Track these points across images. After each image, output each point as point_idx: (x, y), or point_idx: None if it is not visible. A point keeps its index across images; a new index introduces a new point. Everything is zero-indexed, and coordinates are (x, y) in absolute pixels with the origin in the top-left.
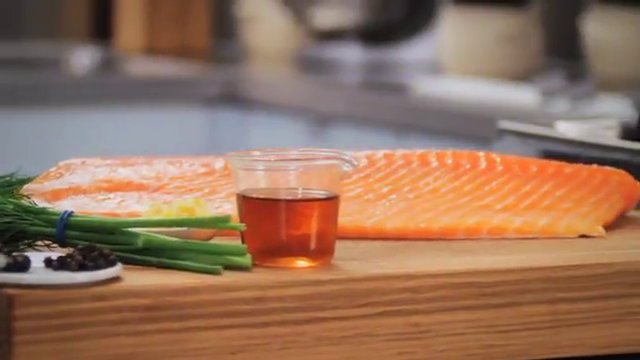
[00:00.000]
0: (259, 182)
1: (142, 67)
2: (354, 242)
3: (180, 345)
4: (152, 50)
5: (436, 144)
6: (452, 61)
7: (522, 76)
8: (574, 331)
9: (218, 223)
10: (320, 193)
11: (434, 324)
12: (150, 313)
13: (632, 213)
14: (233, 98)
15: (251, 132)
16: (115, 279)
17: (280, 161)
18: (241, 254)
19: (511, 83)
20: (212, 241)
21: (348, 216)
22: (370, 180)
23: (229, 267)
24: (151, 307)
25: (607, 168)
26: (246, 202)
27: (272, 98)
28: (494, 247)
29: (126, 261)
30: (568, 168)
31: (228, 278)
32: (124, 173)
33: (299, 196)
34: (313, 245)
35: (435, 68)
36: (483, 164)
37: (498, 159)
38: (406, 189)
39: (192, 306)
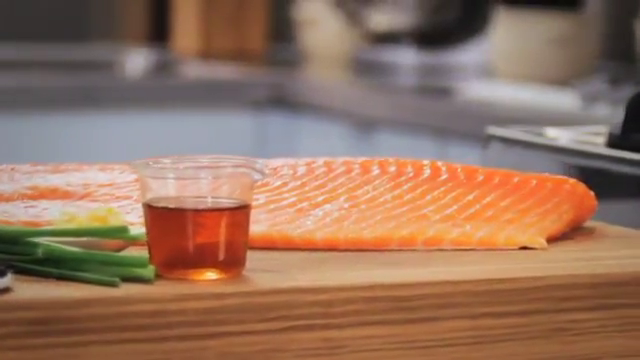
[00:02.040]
0: (168, 191)
1: (196, 70)
2: (273, 253)
3: None
4: (208, 53)
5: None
6: (503, 65)
7: (573, 80)
8: (498, 347)
9: (115, 233)
10: (229, 202)
11: (348, 339)
12: (38, 327)
13: (590, 224)
14: (282, 101)
15: (299, 136)
16: (4, 290)
17: (189, 169)
18: (143, 265)
19: (562, 87)
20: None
21: (276, 226)
22: (306, 188)
23: (133, 279)
24: (39, 321)
25: (559, 177)
26: (151, 211)
27: (320, 101)
28: (427, 259)
29: (27, 272)
30: (516, 177)
31: (125, 291)
32: (52, 180)
33: (207, 205)
34: (221, 256)
35: (487, 72)
36: (427, 172)
37: (443, 167)
38: (342, 198)
39: (84, 320)
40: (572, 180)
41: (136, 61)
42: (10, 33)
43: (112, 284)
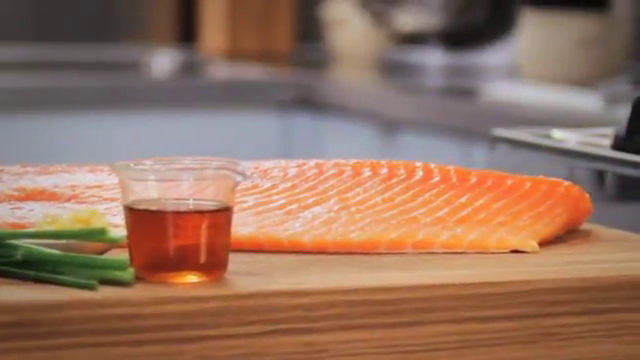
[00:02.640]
0: (150, 193)
1: (222, 71)
2: (260, 256)
3: None
4: (235, 54)
5: None
6: (529, 66)
7: (598, 81)
8: (484, 352)
9: (94, 235)
10: (210, 204)
11: (330, 343)
12: (13, 330)
13: (587, 226)
14: (308, 102)
15: (324, 137)
16: None
17: (170, 171)
18: (122, 268)
19: (587, 88)
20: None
21: (264, 228)
22: (297, 190)
23: (112, 282)
24: (15, 324)
25: (553, 179)
26: (132, 214)
27: (346, 102)
28: (415, 262)
29: (6, 274)
30: (510, 179)
31: (102, 294)
32: (39, 182)
33: (188, 207)
34: (202, 259)
35: (513, 73)
36: (419, 174)
37: (436, 170)
38: (332, 200)
39: (60, 323)
40: (566, 183)
41: (163, 62)
42: (40, 34)
43: (89, 287)
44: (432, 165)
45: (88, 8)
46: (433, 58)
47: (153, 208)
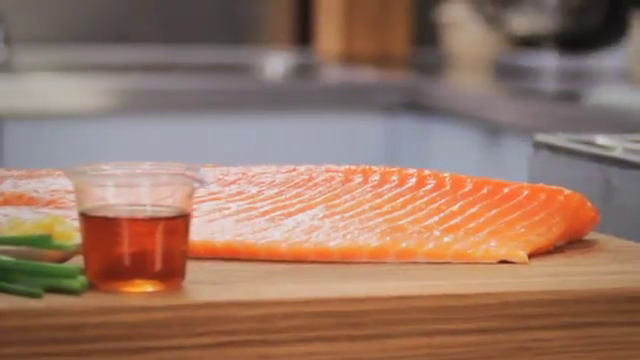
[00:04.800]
0: (107, 199)
1: (335, 74)
2: (234, 264)
3: None
4: (350, 57)
5: None
6: None
7: None
8: None
9: (38, 243)
10: (166, 210)
11: (287, 357)
12: None
13: (593, 236)
14: (416, 106)
15: (430, 140)
16: None
17: (124, 176)
18: (71, 276)
19: None
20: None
21: (241, 236)
22: (282, 197)
23: (63, 291)
24: None
25: (554, 188)
26: (85, 221)
27: (453, 106)
28: (394, 272)
29: None
30: (507, 187)
31: (46, 302)
32: (20, 186)
33: (142, 214)
34: (158, 267)
35: (627, 77)
36: (411, 182)
37: (430, 176)
38: (319, 208)
39: (1, 332)
40: (567, 191)
41: (276, 64)
42: (160, 36)
43: (34, 295)
44: (427, 171)
45: (209, 11)
46: (548, 61)
47: (105, 215)
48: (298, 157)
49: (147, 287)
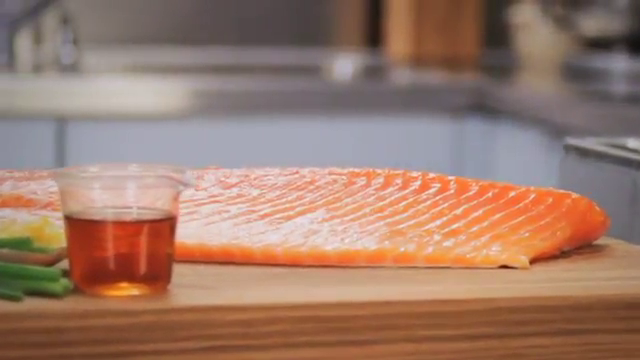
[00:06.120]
0: (94, 202)
1: (403, 76)
2: (228, 267)
3: None
4: (420, 58)
5: None
6: None
7: None
8: None
9: (19, 245)
10: (151, 213)
11: None
12: None
13: (603, 241)
14: (482, 108)
15: (496, 143)
16: None
17: (108, 179)
18: (53, 280)
19: None
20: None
21: (237, 239)
22: (283, 200)
23: (46, 294)
24: None
25: (561, 191)
26: (69, 223)
27: (519, 108)
28: (387, 277)
29: None
30: (513, 191)
31: (27, 306)
32: (19, 188)
33: (127, 216)
34: (142, 270)
35: None
36: (415, 185)
37: (434, 179)
38: (319, 211)
39: None
40: (575, 195)
41: (346, 66)
42: (228, 37)
43: (15, 298)
44: (432, 175)
45: (279, 12)
46: (618, 63)
47: (90, 217)
48: (366, 158)
49: (132, 290)
